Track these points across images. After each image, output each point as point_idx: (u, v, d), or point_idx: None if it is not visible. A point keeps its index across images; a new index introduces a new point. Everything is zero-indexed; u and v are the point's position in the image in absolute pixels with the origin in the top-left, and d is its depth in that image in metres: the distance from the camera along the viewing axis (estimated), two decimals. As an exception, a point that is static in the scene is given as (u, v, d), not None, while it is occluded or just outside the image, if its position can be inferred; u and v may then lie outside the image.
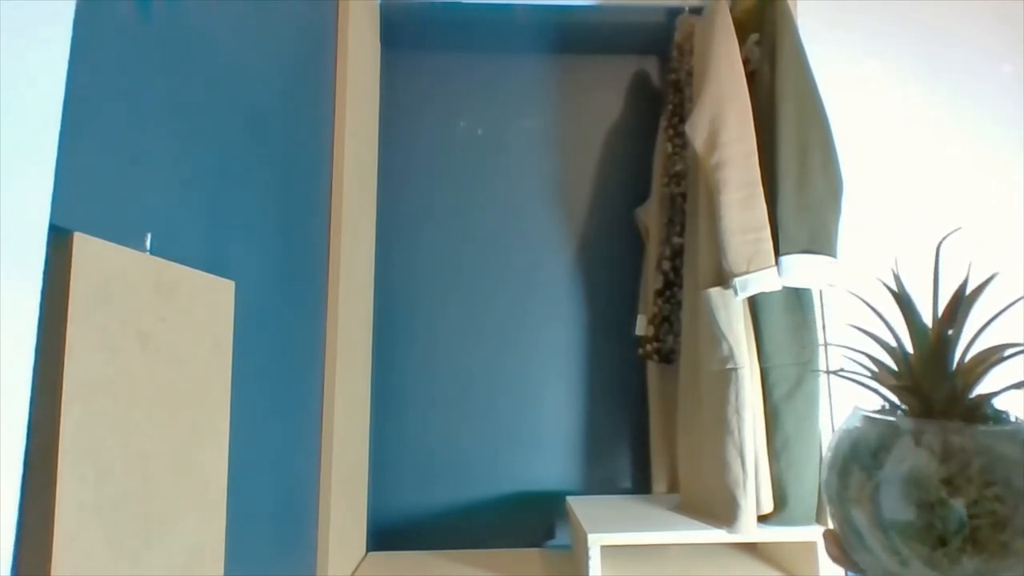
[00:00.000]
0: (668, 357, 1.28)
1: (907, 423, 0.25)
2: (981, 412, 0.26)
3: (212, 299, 0.62)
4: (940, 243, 0.31)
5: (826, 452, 0.28)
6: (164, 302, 0.53)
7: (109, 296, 0.46)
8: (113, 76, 0.50)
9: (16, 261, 0.37)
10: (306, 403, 1.00)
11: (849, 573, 0.30)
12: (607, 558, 1.07)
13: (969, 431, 0.24)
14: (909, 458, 0.24)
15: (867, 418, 0.27)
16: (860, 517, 0.25)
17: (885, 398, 0.28)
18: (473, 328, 1.44)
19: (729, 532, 1.04)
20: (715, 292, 1.08)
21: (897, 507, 0.24)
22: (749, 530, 1.03)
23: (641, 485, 1.40)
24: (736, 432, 1.04)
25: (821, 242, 1.06)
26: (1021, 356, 0.25)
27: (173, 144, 0.59)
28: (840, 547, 0.28)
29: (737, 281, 1.04)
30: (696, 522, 1.09)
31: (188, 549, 0.56)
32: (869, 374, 0.28)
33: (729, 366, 1.06)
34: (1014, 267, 1.39)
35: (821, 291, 1.11)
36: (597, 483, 1.41)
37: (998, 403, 0.26)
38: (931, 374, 0.26)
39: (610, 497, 1.33)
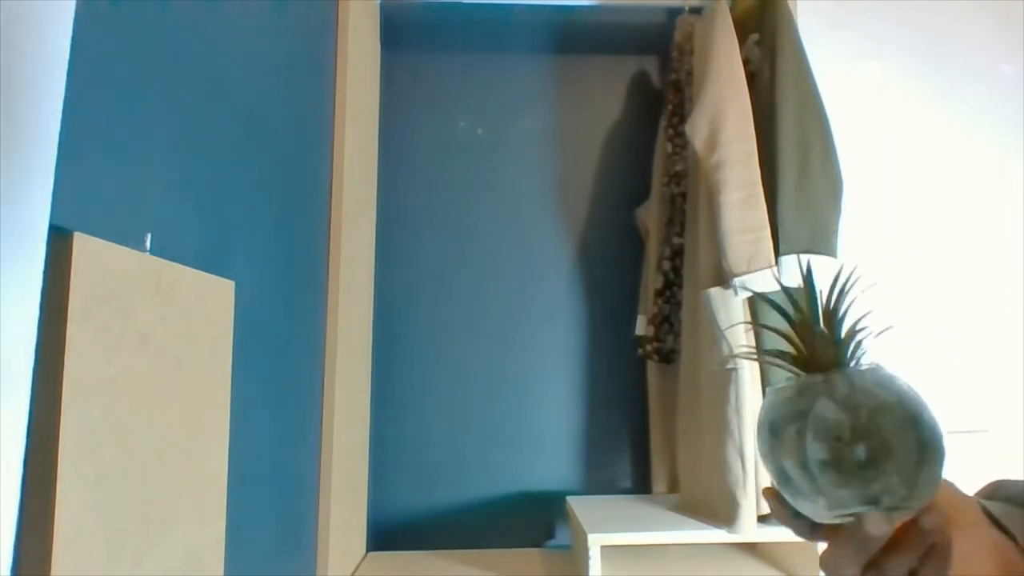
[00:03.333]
0: (668, 357, 1.28)
1: (815, 380, 0.34)
2: (855, 364, 0.35)
3: (212, 299, 0.62)
4: (808, 267, 0.41)
5: (759, 419, 0.37)
6: (164, 302, 0.53)
7: (109, 296, 0.46)
8: (113, 76, 0.50)
9: (16, 261, 0.37)
10: (306, 403, 1.00)
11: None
12: (607, 558, 1.07)
13: (850, 378, 0.33)
14: (818, 408, 0.33)
15: (785, 386, 0.36)
16: (789, 465, 0.33)
17: (794, 373, 0.37)
18: (473, 327, 1.44)
19: (729, 532, 1.04)
20: (715, 292, 1.08)
21: (817, 448, 0.32)
22: (749, 530, 1.03)
23: (641, 485, 1.40)
24: (736, 432, 1.04)
25: (821, 242, 1.06)
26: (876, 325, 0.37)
27: (173, 144, 0.59)
28: (778, 497, 0.36)
29: (737, 281, 1.04)
30: (696, 522, 1.09)
31: (188, 549, 0.56)
32: (778, 357, 0.38)
33: (729, 366, 1.06)
34: (1014, 267, 1.38)
35: (821, 291, 1.11)
36: (597, 483, 1.41)
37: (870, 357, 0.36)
38: (824, 345, 0.36)
39: (610, 497, 1.33)
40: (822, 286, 0.37)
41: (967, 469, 0.49)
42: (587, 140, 1.51)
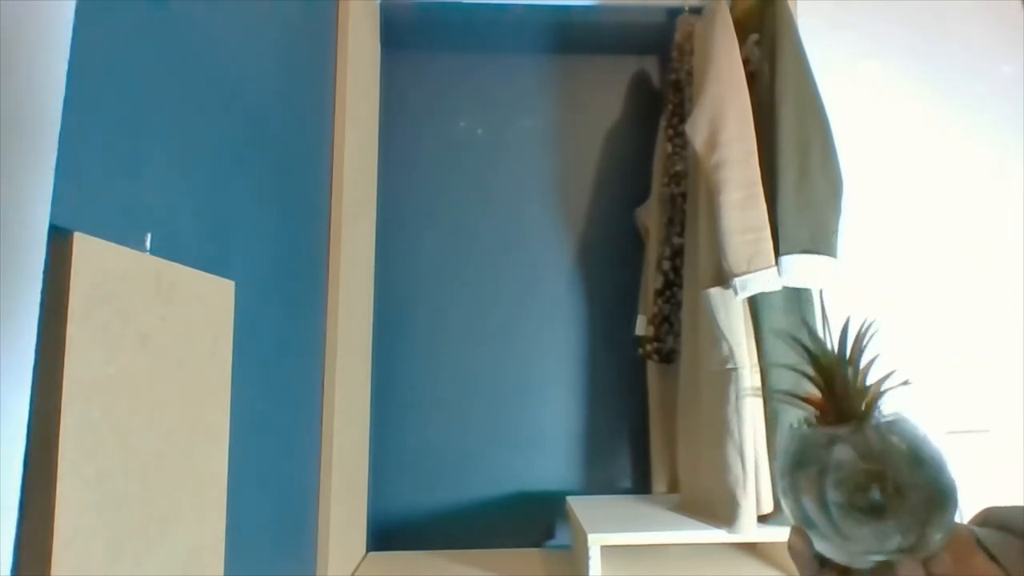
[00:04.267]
0: (668, 357, 1.28)
1: (833, 431, 0.36)
2: (878, 414, 0.37)
3: (212, 299, 0.62)
4: (821, 294, 0.44)
5: (778, 459, 0.40)
6: (164, 302, 0.53)
7: (109, 296, 0.46)
8: (113, 76, 0.50)
9: (16, 261, 0.37)
10: (306, 403, 1.00)
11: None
12: (607, 558, 1.07)
13: (870, 427, 0.35)
14: (840, 453, 0.35)
15: (805, 431, 0.38)
16: (809, 504, 0.35)
17: (813, 412, 0.39)
18: (473, 327, 1.44)
19: (729, 532, 1.04)
20: (715, 292, 1.08)
21: (834, 490, 0.34)
22: (749, 530, 1.03)
23: (641, 485, 1.40)
24: (736, 432, 1.04)
25: (821, 242, 1.06)
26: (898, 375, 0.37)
27: (173, 144, 0.59)
28: (805, 537, 0.37)
29: (737, 281, 1.04)
30: (696, 522, 1.09)
31: (188, 549, 0.56)
32: (798, 396, 0.40)
33: (729, 366, 1.06)
34: (1014, 267, 1.38)
35: (821, 291, 1.11)
36: (597, 483, 1.41)
37: (890, 407, 0.37)
38: (843, 390, 0.37)
39: (610, 497, 1.33)
40: (843, 329, 0.38)
41: (967, 469, 0.49)
42: (587, 140, 1.51)
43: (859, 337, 0.38)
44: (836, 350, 0.38)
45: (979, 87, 1.45)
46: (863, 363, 0.37)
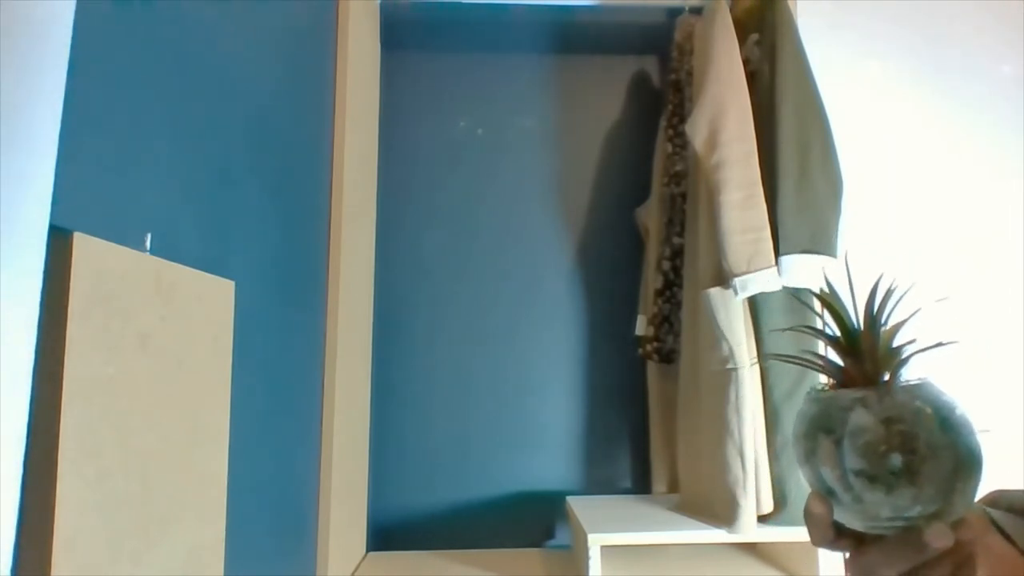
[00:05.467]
0: (668, 357, 1.28)
1: (856, 394, 0.34)
2: (902, 378, 0.36)
3: (212, 299, 0.62)
4: (846, 258, 0.43)
5: (795, 425, 0.37)
6: (164, 302, 0.53)
7: (109, 296, 0.46)
8: (113, 76, 0.50)
9: (16, 261, 0.37)
10: (306, 403, 1.00)
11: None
12: (607, 558, 1.07)
13: (896, 389, 0.34)
14: (861, 418, 0.33)
15: (824, 395, 0.36)
16: (827, 471, 0.34)
17: (832, 377, 0.38)
18: (473, 327, 1.44)
19: (729, 532, 1.04)
20: (715, 292, 1.08)
21: (854, 459, 0.33)
22: (749, 530, 1.03)
23: (641, 485, 1.40)
24: (736, 432, 1.04)
25: (821, 242, 1.06)
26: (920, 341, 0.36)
27: (173, 144, 0.59)
28: (825, 503, 0.35)
29: (737, 281, 1.04)
30: (696, 522, 1.09)
31: (188, 549, 0.56)
32: (819, 361, 0.38)
33: (729, 366, 1.06)
34: (1014, 267, 1.38)
35: (821, 289, 1.11)
36: (597, 483, 1.40)
37: (913, 371, 0.36)
38: (870, 352, 0.36)
39: (610, 497, 1.33)
40: (863, 291, 0.37)
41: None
42: (587, 140, 1.51)
43: (886, 299, 0.36)
44: (864, 311, 0.36)
45: (979, 87, 1.45)
46: (890, 325, 0.36)
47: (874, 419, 0.33)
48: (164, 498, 0.52)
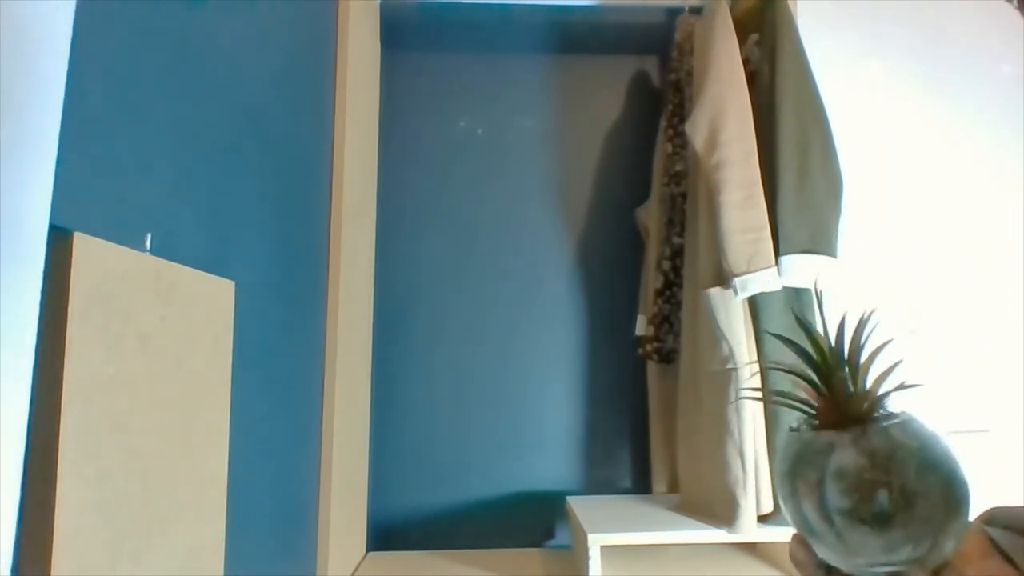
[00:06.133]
0: (668, 357, 1.28)
1: (833, 436, 0.34)
2: (881, 414, 0.35)
3: (212, 299, 0.62)
4: (817, 287, 0.43)
5: (777, 463, 0.37)
6: (164, 302, 0.53)
7: (109, 296, 0.46)
8: (113, 76, 0.50)
9: (16, 261, 0.37)
10: (306, 403, 1.00)
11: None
12: (607, 558, 1.07)
13: (874, 430, 0.33)
14: (841, 459, 0.33)
15: (805, 434, 0.35)
16: (810, 510, 0.33)
17: (809, 414, 0.37)
18: (473, 327, 1.44)
19: (729, 532, 1.04)
20: (715, 292, 1.08)
21: (837, 497, 0.32)
22: (749, 530, 1.03)
23: (641, 485, 1.40)
24: (736, 432, 1.04)
25: (821, 242, 1.06)
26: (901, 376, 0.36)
27: (173, 144, 0.59)
28: (805, 545, 0.35)
29: (737, 281, 1.04)
30: (696, 522, 1.09)
31: (188, 549, 0.56)
32: (796, 398, 0.37)
33: (729, 366, 1.06)
34: (1014, 267, 1.38)
35: (820, 291, 1.11)
36: (597, 483, 1.41)
37: (893, 405, 0.35)
38: (841, 393, 0.35)
39: (610, 497, 1.33)
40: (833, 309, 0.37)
41: (967, 469, 0.49)
42: (587, 140, 1.51)
43: (857, 333, 0.35)
44: (832, 351, 0.36)
45: (979, 87, 1.45)
46: (863, 360, 0.35)
47: (857, 461, 0.32)
48: (164, 498, 0.52)
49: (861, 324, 0.36)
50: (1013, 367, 1.34)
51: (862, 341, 0.35)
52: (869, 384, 0.35)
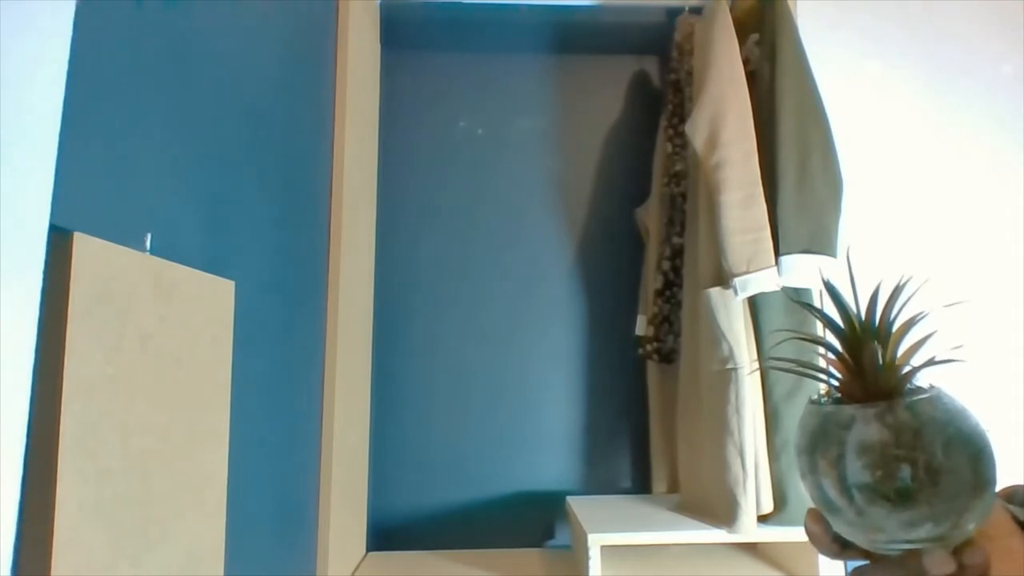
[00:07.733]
0: (668, 357, 1.28)
1: (858, 409, 0.32)
2: (909, 388, 0.33)
3: (212, 299, 0.62)
4: (848, 253, 0.40)
5: (796, 437, 0.35)
6: (164, 302, 0.53)
7: (109, 296, 0.46)
8: (113, 76, 0.50)
9: (16, 261, 0.37)
10: (306, 403, 1.00)
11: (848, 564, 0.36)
12: (607, 558, 1.07)
13: (902, 404, 0.31)
14: (864, 434, 0.31)
15: (825, 407, 0.34)
16: (829, 485, 0.32)
17: (833, 386, 0.35)
18: (473, 328, 1.44)
19: (729, 532, 1.04)
20: (715, 292, 1.08)
21: (858, 473, 0.31)
22: (749, 530, 1.03)
23: (641, 485, 1.40)
24: (736, 432, 1.04)
25: (821, 242, 1.06)
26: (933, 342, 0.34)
27: (173, 144, 0.59)
28: (821, 520, 0.34)
29: (737, 281, 1.04)
30: (696, 522, 1.09)
31: (188, 549, 0.56)
32: (820, 369, 0.35)
33: (729, 366, 1.06)
34: (1014, 267, 1.38)
35: (821, 291, 1.11)
36: (597, 483, 1.40)
37: (922, 379, 0.34)
38: (871, 365, 0.33)
39: (610, 497, 1.33)
40: (865, 290, 0.34)
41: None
42: (587, 140, 1.51)
43: (890, 303, 0.33)
44: (864, 320, 0.33)
45: (979, 87, 1.45)
46: (894, 332, 0.33)
47: (881, 436, 0.31)
48: (164, 498, 0.52)
49: (895, 293, 0.34)
50: (1013, 367, 1.34)
51: (894, 312, 0.34)
52: (899, 357, 0.33)
